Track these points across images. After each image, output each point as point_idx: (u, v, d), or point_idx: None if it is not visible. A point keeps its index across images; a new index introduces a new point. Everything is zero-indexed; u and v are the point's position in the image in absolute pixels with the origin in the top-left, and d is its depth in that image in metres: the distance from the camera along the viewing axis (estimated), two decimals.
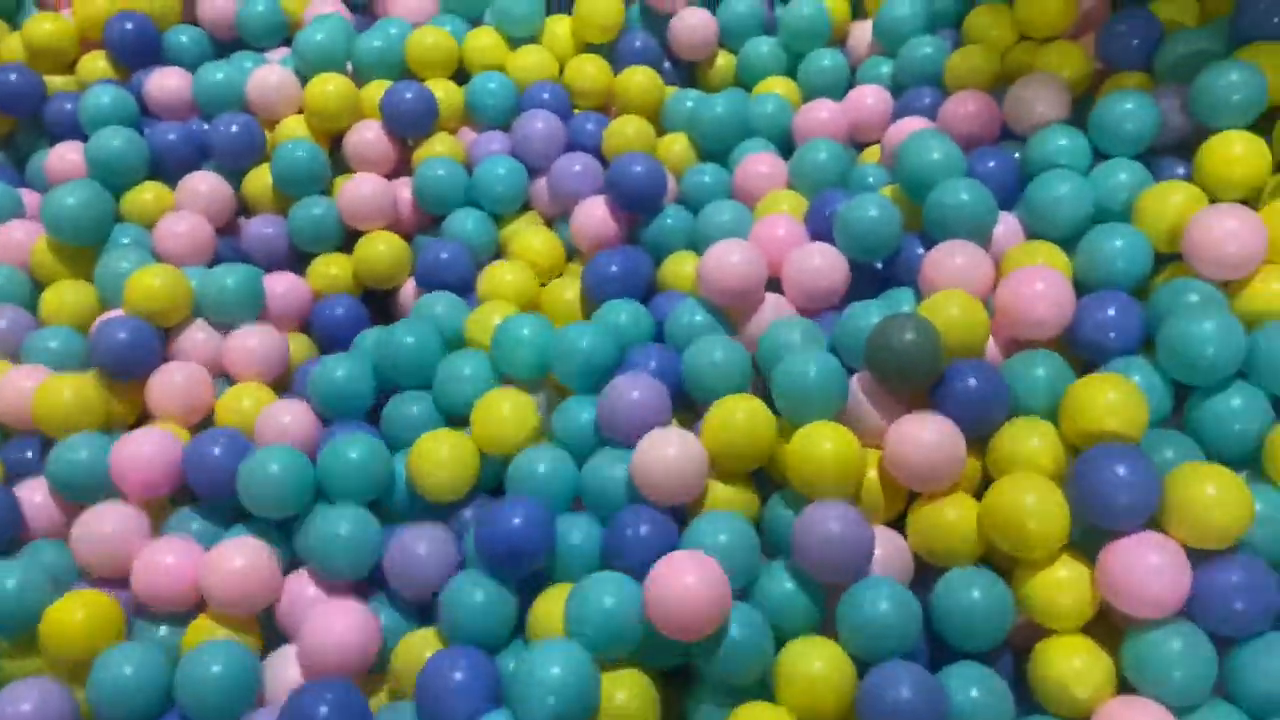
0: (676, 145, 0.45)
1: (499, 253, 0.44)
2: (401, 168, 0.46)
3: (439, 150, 0.45)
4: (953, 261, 0.35)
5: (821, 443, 0.31)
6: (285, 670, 0.32)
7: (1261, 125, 0.36)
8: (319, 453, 0.35)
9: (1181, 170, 0.37)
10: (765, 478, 0.35)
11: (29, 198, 0.44)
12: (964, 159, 0.38)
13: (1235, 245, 0.32)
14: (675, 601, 0.28)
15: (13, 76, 0.46)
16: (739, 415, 0.33)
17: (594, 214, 0.42)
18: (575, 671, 0.28)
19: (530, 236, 0.43)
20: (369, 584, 0.35)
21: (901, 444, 0.31)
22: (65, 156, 0.44)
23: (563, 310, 0.41)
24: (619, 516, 0.32)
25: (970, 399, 0.32)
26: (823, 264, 0.36)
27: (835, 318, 0.36)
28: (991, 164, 0.38)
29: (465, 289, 0.42)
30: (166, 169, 0.45)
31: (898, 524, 0.33)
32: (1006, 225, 0.37)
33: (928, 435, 0.31)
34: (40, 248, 0.42)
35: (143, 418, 0.39)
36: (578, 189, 0.43)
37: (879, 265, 0.39)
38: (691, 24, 0.47)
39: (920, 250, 0.37)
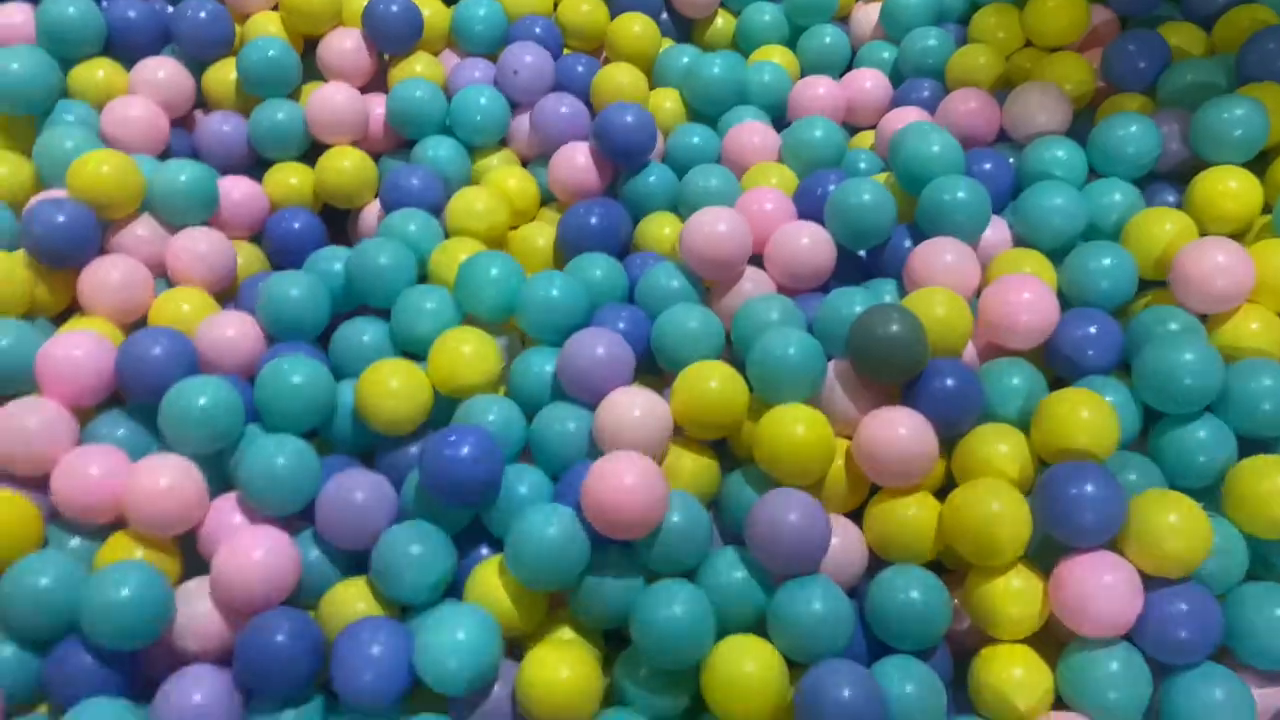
0: (667, 101, 0.44)
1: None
2: (376, 83, 0.44)
3: (418, 70, 0.43)
4: (942, 259, 0.34)
5: (795, 425, 0.30)
6: (198, 601, 0.30)
7: (1256, 163, 0.36)
8: (258, 374, 0.33)
9: (1171, 197, 0.37)
10: (724, 448, 0.34)
11: None
12: (963, 156, 0.37)
13: (1223, 280, 0.32)
14: (613, 500, 0.28)
15: None
16: (713, 382, 0.32)
17: (575, 160, 0.40)
18: (480, 635, 0.28)
19: (504, 175, 0.41)
20: (299, 517, 0.33)
21: (874, 437, 0.30)
22: (12, 19, 0.41)
23: (533, 256, 0.39)
24: (572, 472, 0.31)
25: (945, 398, 0.31)
26: (810, 244, 0.35)
27: (813, 300, 0.36)
28: (987, 165, 0.37)
29: None
30: (123, 48, 0.41)
31: (854, 514, 0.33)
32: (996, 229, 0.37)
33: (902, 431, 0.30)
34: None
35: (70, 310, 0.36)
36: (561, 131, 0.41)
37: (863, 253, 0.38)
38: None
39: (908, 242, 0.36)
